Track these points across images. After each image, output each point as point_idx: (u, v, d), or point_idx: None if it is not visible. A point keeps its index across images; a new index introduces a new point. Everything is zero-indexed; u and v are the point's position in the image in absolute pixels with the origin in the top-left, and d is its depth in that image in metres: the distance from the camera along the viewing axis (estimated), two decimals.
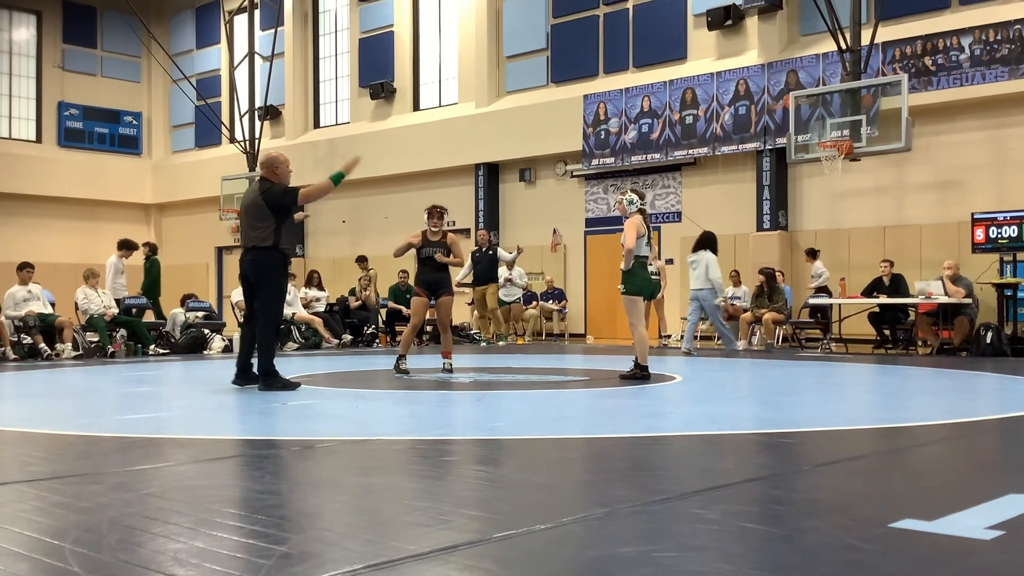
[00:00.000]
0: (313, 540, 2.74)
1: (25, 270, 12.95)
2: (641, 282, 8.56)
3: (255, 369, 7.51)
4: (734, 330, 15.42)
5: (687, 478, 3.82)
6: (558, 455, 4.48)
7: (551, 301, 18.14)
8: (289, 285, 15.25)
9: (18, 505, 3.26)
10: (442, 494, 3.46)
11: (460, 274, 16.64)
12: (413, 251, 9.34)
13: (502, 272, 16.16)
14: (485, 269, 15.98)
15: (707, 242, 13.20)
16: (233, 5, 23.50)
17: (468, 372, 8.86)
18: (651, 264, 15.48)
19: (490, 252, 16.01)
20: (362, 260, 17.47)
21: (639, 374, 8.33)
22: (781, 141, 15.16)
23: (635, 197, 8.64)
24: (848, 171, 14.42)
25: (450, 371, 9.00)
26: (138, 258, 15.48)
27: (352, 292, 16.96)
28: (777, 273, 14.56)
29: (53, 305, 13.50)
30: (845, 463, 4.17)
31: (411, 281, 17.10)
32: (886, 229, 14.99)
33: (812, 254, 14.98)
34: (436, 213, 9.36)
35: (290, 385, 7.42)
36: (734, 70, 16.31)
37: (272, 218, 7.41)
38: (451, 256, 9.19)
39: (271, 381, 7.36)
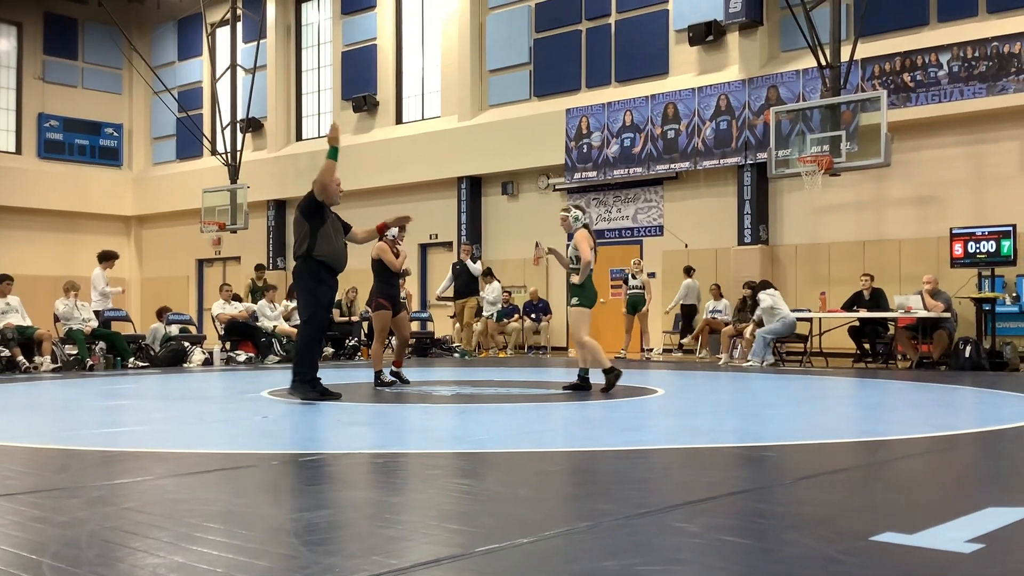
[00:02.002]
0: (294, 555, 2.73)
1: (4, 282, 12.84)
2: (592, 295, 8.69)
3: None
4: (715, 344, 15.50)
5: (669, 491, 3.82)
6: (540, 468, 4.47)
7: (532, 315, 18.10)
8: (264, 300, 15.32)
9: None
10: (425, 508, 3.45)
11: (440, 287, 16.65)
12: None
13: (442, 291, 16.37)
14: (465, 283, 16.01)
15: (765, 283, 13.85)
16: (215, 17, 23.46)
17: (450, 385, 8.84)
18: (635, 278, 15.66)
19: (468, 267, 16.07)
20: (259, 268, 17.77)
21: (582, 385, 8.42)
22: (762, 156, 15.26)
23: (579, 213, 8.71)
24: (828, 186, 14.53)
25: (407, 381, 9.20)
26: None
27: (338, 306, 16.90)
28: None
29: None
30: (826, 476, 4.18)
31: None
32: (866, 244, 15.10)
33: (687, 271, 15.98)
34: (405, 227, 9.50)
35: (331, 396, 7.41)
36: (715, 85, 16.42)
37: (306, 225, 7.51)
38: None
39: (302, 387, 7.37)
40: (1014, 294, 13.14)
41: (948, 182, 14.40)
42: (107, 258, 14.44)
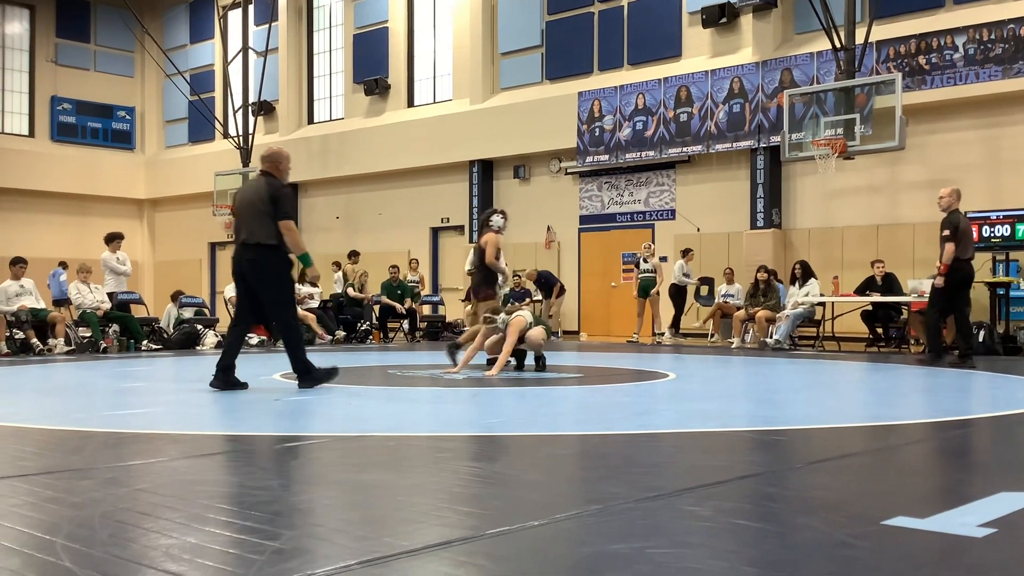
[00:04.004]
0: (306, 536, 2.74)
1: (17, 265, 12.90)
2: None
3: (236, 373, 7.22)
4: (727, 328, 15.47)
5: (680, 475, 3.82)
6: (551, 452, 4.48)
7: (526, 299, 17.87)
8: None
9: (10, 500, 3.25)
10: (435, 490, 3.45)
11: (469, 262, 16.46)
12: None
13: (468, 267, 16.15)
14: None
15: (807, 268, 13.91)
16: (227, 0, 23.44)
17: (462, 369, 8.84)
18: (647, 262, 15.62)
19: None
20: (353, 255, 17.48)
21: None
22: (775, 139, 15.18)
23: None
24: (842, 170, 14.44)
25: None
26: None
27: (351, 285, 16.94)
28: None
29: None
30: (837, 460, 4.17)
31: (401, 276, 17.15)
32: (879, 228, 15.02)
33: (684, 253, 15.93)
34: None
35: (332, 373, 7.27)
36: (728, 68, 16.33)
37: (273, 214, 7.10)
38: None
39: (310, 380, 7.16)
40: None
41: (963, 166, 14.29)
42: (112, 239, 14.44)
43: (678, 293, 15.87)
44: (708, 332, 16.11)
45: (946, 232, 9.83)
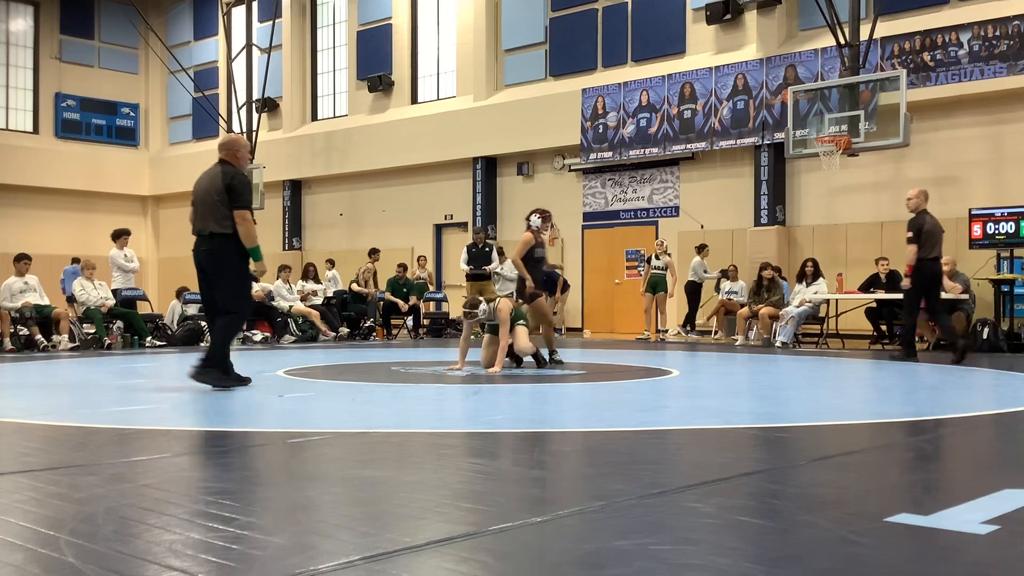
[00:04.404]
0: (309, 532, 2.74)
1: (22, 261, 12.92)
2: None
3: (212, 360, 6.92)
4: (730, 325, 15.46)
5: (683, 472, 3.82)
6: (554, 448, 4.48)
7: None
8: (279, 280, 15.31)
9: (14, 495, 3.26)
10: (438, 486, 3.46)
11: (464, 261, 16.49)
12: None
13: (493, 267, 16.15)
14: (479, 266, 16.00)
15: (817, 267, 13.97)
16: None
17: (465, 366, 8.85)
18: (659, 259, 15.59)
19: (486, 249, 16.01)
20: (374, 253, 17.52)
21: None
22: (779, 136, 15.16)
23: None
24: (846, 166, 14.42)
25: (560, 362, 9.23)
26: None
27: (356, 280, 16.96)
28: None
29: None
30: (841, 458, 4.17)
31: (409, 274, 17.16)
32: (883, 224, 14.99)
33: (700, 249, 15.88)
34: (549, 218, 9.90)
35: (242, 380, 6.94)
36: (732, 64, 16.30)
37: (229, 203, 6.86)
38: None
39: (214, 372, 6.83)
40: None
41: (967, 162, 14.27)
42: (119, 235, 14.46)
43: (695, 291, 15.84)
44: (712, 329, 16.10)
45: (910, 234, 10.22)
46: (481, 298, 9.04)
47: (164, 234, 27.24)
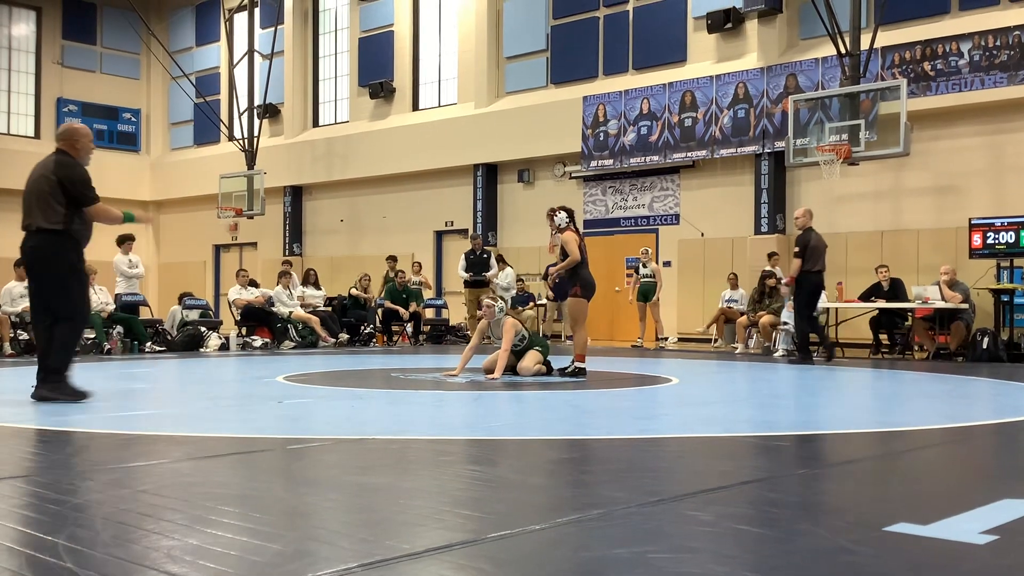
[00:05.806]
0: (307, 538, 2.74)
1: (22, 267, 12.89)
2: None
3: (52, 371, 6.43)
4: (730, 333, 15.46)
5: (682, 480, 3.82)
6: (553, 456, 4.48)
7: (529, 303, 17.87)
8: (280, 286, 15.29)
9: (12, 500, 3.26)
10: (437, 493, 3.45)
11: (462, 267, 16.51)
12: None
13: (492, 274, 16.20)
14: (478, 273, 16.04)
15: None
16: (233, 3, 23.49)
17: (464, 373, 8.85)
18: (645, 267, 15.63)
19: (484, 255, 16.01)
20: (391, 259, 17.61)
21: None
22: (780, 145, 15.18)
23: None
24: (846, 175, 14.44)
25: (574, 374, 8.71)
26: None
27: (354, 286, 17.00)
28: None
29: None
30: (840, 467, 4.17)
31: (407, 279, 17.16)
32: (884, 234, 15.00)
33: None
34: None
35: (77, 394, 6.38)
36: (733, 73, 16.33)
37: (64, 199, 6.30)
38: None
39: (57, 386, 6.33)
40: None
41: (967, 172, 14.28)
42: (123, 241, 14.47)
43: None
44: (711, 337, 16.10)
45: (796, 249, 11.56)
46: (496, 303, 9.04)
47: (164, 239, 27.26)
